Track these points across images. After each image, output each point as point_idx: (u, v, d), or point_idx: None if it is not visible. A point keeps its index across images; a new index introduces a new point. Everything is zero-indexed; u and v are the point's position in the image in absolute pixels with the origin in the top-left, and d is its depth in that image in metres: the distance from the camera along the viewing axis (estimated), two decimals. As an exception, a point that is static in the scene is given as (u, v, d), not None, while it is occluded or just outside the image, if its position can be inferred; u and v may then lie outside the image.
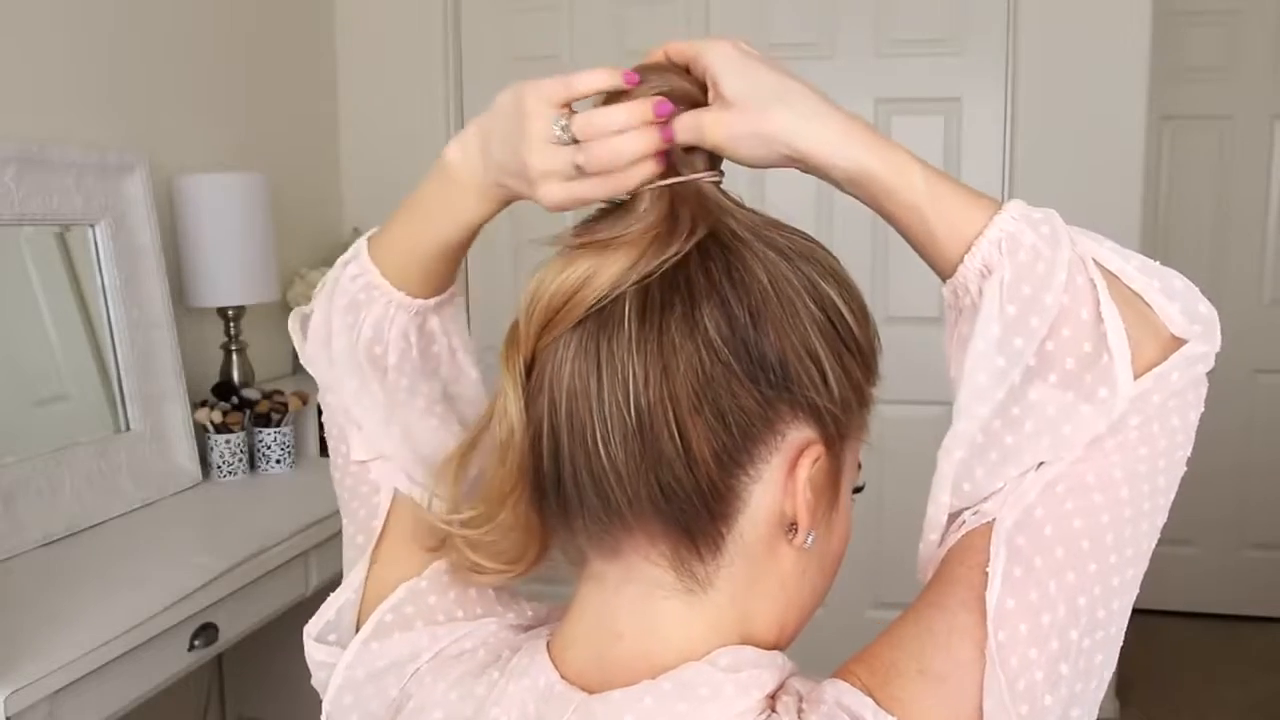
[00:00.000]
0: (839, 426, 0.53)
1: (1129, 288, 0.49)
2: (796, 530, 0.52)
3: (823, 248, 0.56)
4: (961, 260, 0.51)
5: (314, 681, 0.63)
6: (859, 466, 0.59)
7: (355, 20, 2.72)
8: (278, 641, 2.15)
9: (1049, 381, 0.49)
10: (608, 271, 0.51)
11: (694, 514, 0.51)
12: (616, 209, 0.54)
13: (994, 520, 0.48)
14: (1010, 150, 2.49)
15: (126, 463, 1.79)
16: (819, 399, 0.52)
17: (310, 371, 0.67)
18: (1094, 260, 0.49)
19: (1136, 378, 0.47)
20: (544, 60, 2.61)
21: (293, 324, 0.68)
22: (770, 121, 0.52)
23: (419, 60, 2.71)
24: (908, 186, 0.51)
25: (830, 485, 0.54)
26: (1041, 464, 0.49)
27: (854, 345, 0.54)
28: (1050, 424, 0.48)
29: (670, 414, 0.49)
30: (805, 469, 0.52)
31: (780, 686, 0.51)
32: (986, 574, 0.47)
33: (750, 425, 0.50)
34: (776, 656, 0.52)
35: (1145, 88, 2.39)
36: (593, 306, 0.51)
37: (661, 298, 0.50)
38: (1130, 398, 0.47)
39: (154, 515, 1.78)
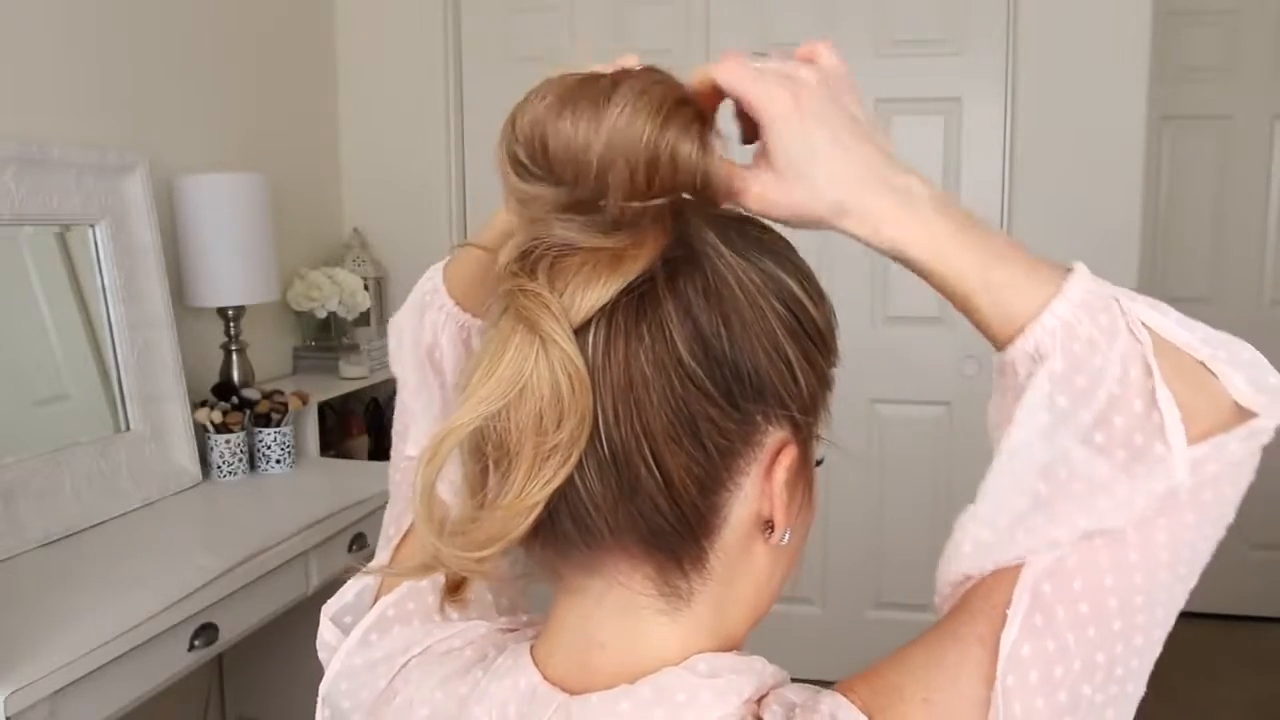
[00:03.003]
0: (808, 420, 0.53)
1: (1192, 357, 0.47)
2: (773, 530, 0.52)
3: (769, 229, 0.54)
4: (1012, 340, 0.48)
5: (320, 657, 0.65)
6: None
7: (355, 20, 2.73)
8: (278, 641, 2.14)
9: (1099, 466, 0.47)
10: (587, 296, 0.47)
11: (678, 538, 0.50)
12: (584, 207, 0.50)
13: (1024, 561, 0.47)
14: (1010, 150, 2.49)
15: (126, 463, 1.79)
16: (792, 402, 0.51)
17: (391, 368, 0.71)
18: (1152, 329, 0.47)
19: (1192, 444, 0.46)
20: (544, 60, 2.61)
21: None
22: (815, 205, 0.50)
23: (419, 60, 2.72)
24: (958, 277, 0.49)
25: (802, 476, 0.53)
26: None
27: (816, 334, 0.52)
28: (1099, 499, 0.47)
29: (646, 448, 0.47)
30: (781, 471, 0.51)
31: (764, 694, 0.50)
32: (1007, 615, 0.46)
33: (730, 445, 0.49)
34: (755, 662, 0.52)
35: (1145, 88, 2.40)
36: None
37: (627, 326, 0.47)
38: (1183, 485, 0.46)
39: (154, 515, 1.78)
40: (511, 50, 2.69)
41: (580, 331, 0.47)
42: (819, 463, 0.56)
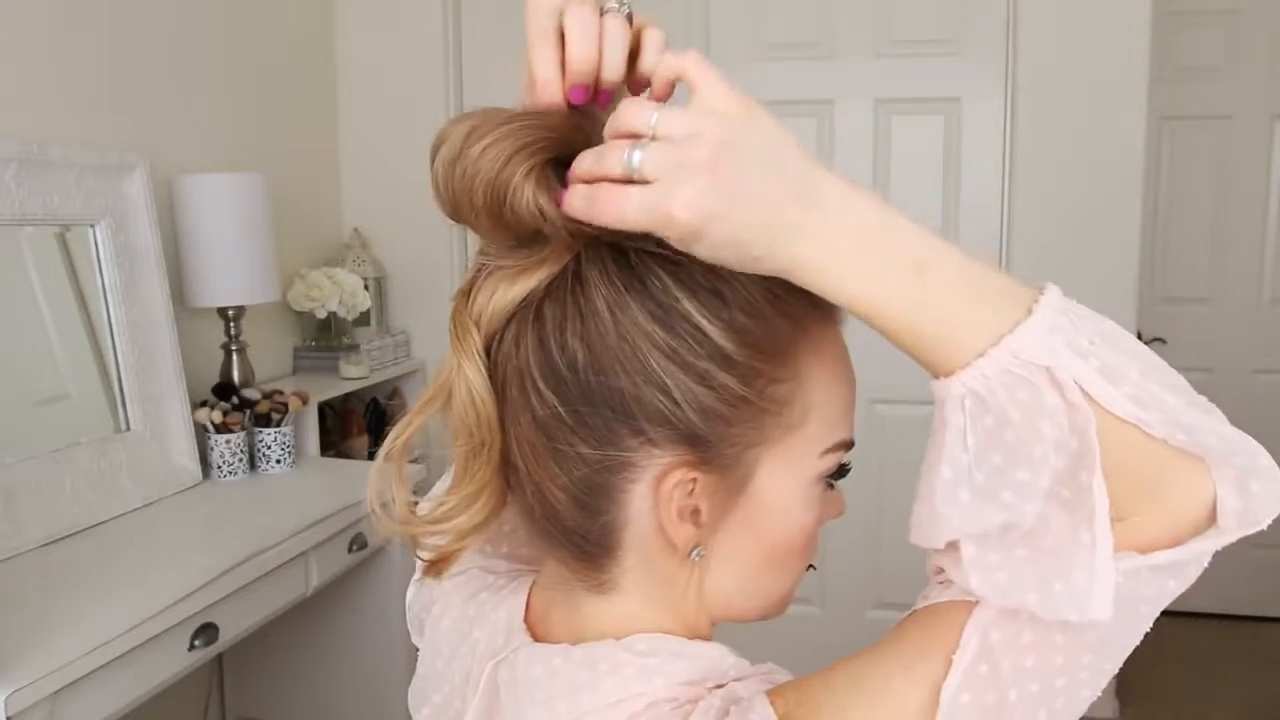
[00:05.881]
0: (712, 441, 0.50)
1: (1168, 445, 0.44)
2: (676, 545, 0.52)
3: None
4: (939, 377, 0.46)
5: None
6: (845, 447, 0.54)
7: (355, 20, 2.72)
8: (278, 641, 2.15)
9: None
10: (491, 303, 0.52)
11: (568, 540, 0.54)
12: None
13: (977, 603, 0.46)
14: (1010, 150, 2.49)
15: (126, 463, 1.79)
16: (670, 425, 0.50)
17: None
18: (1098, 402, 0.43)
19: (1143, 551, 0.44)
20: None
21: None
22: (760, 263, 0.46)
23: (419, 61, 2.72)
24: (885, 320, 0.45)
25: (724, 495, 0.52)
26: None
27: (716, 355, 0.49)
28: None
29: (518, 458, 0.53)
30: (669, 493, 0.51)
31: (723, 684, 0.51)
32: (950, 660, 0.45)
33: (593, 472, 0.51)
34: (711, 649, 0.53)
35: (1145, 88, 2.40)
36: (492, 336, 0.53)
37: (505, 346, 0.52)
38: (1113, 599, 0.43)
39: (154, 515, 1.77)
40: (512, 50, 2.68)
41: (492, 342, 0.53)
42: (842, 472, 0.55)
